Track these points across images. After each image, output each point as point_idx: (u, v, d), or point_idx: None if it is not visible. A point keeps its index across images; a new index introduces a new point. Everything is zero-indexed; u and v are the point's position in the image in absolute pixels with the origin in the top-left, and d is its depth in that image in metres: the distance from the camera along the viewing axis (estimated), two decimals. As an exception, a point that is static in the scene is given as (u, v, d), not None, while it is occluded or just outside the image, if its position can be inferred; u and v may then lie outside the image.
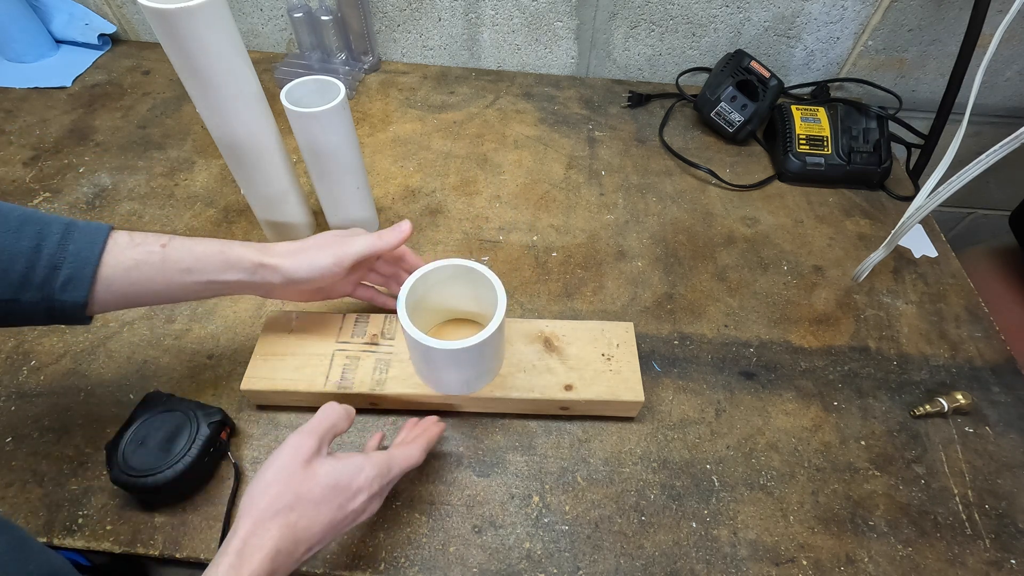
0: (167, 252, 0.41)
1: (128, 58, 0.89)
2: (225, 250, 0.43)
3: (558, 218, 0.69)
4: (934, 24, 0.79)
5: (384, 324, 0.52)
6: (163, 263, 0.41)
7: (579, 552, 0.44)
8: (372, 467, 0.38)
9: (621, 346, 0.51)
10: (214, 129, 0.52)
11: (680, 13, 0.81)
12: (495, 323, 0.43)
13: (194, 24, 0.43)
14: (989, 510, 0.48)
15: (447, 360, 0.44)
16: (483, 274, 0.46)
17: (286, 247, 0.46)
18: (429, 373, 0.47)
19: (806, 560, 0.45)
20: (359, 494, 0.37)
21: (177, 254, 0.41)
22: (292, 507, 0.34)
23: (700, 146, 0.80)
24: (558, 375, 0.49)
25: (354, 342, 0.51)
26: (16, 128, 0.77)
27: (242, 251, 0.44)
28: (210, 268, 0.42)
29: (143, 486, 0.42)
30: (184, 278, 0.42)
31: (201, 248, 0.43)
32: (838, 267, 0.65)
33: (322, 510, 0.35)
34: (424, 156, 0.76)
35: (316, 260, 0.45)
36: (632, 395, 0.49)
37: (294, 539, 0.34)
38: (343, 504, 0.36)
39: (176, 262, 0.41)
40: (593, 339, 0.52)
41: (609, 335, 0.52)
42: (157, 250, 0.41)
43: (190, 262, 0.42)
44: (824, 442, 0.51)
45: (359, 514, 0.37)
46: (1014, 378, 0.56)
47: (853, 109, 0.75)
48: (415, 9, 0.84)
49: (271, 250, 0.45)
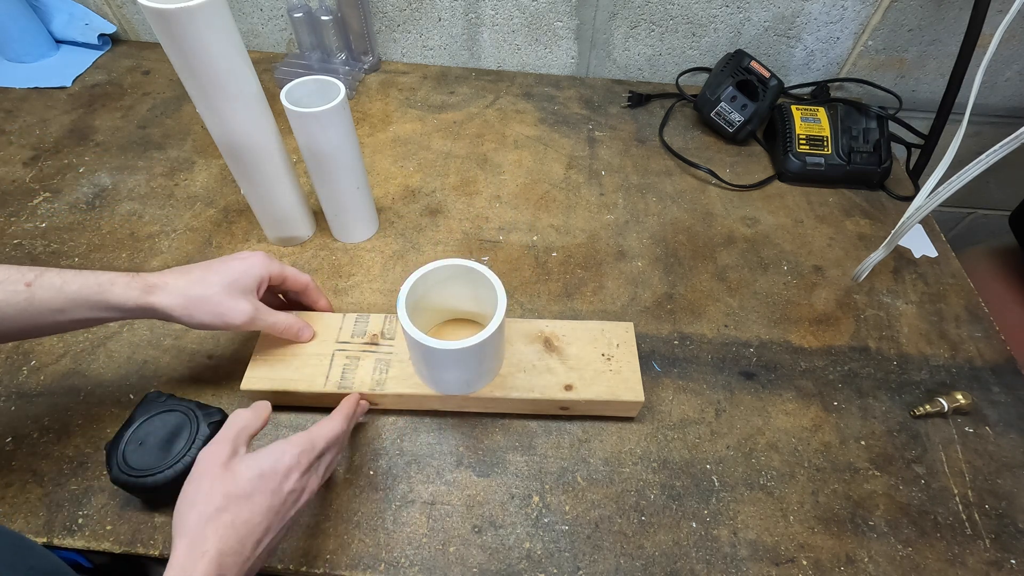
0: (33, 291, 0.38)
1: (128, 58, 0.89)
2: (104, 290, 0.40)
3: (558, 218, 0.69)
4: (934, 24, 0.79)
5: (384, 324, 0.52)
6: (29, 303, 0.38)
7: (579, 552, 0.44)
8: (293, 446, 0.37)
9: (621, 346, 0.51)
10: (214, 129, 0.52)
11: (680, 13, 0.81)
12: (495, 323, 0.43)
13: (194, 24, 0.43)
14: (989, 510, 0.48)
15: (447, 360, 0.43)
16: (483, 274, 0.46)
17: (176, 281, 0.43)
18: (429, 373, 0.47)
19: (806, 560, 0.45)
20: (290, 474, 0.36)
21: (46, 294, 0.38)
22: (224, 508, 0.33)
23: (700, 146, 0.80)
24: (558, 375, 0.49)
25: (354, 342, 0.51)
26: (16, 128, 0.77)
27: (124, 291, 0.41)
28: (85, 308, 0.40)
29: (143, 486, 0.42)
30: (56, 318, 0.39)
31: (75, 287, 0.39)
32: (838, 267, 0.65)
33: (256, 500, 0.35)
34: (424, 156, 0.76)
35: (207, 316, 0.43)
36: (632, 395, 0.49)
37: (237, 537, 0.33)
38: (276, 488, 0.35)
39: (45, 302, 0.38)
40: (593, 339, 0.52)
41: (609, 335, 0.52)
42: (21, 289, 0.38)
43: (62, 302, 0.39)
44: (824, 442, 0.51)
45: (299, 493, 0.37)
46: (1014, 378, 0.56)
47: (853, 109, 0.75)
48: (415, 9, 0.84)
49: (157, 287, 0.42)
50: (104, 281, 0.41)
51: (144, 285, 0.42)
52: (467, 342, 0.42)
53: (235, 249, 0.63)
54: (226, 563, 0.32)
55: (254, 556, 0.34)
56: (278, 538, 0.36)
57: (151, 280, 0.43)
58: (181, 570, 0.31)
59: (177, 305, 0.42)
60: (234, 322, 0.44)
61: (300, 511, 0.38)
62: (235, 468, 0.35)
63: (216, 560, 0.32)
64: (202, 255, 0.62)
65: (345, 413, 0.43)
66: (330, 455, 0.41)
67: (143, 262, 0.62)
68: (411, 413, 0.51)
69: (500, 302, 0.44)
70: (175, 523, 0.34)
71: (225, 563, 0.32)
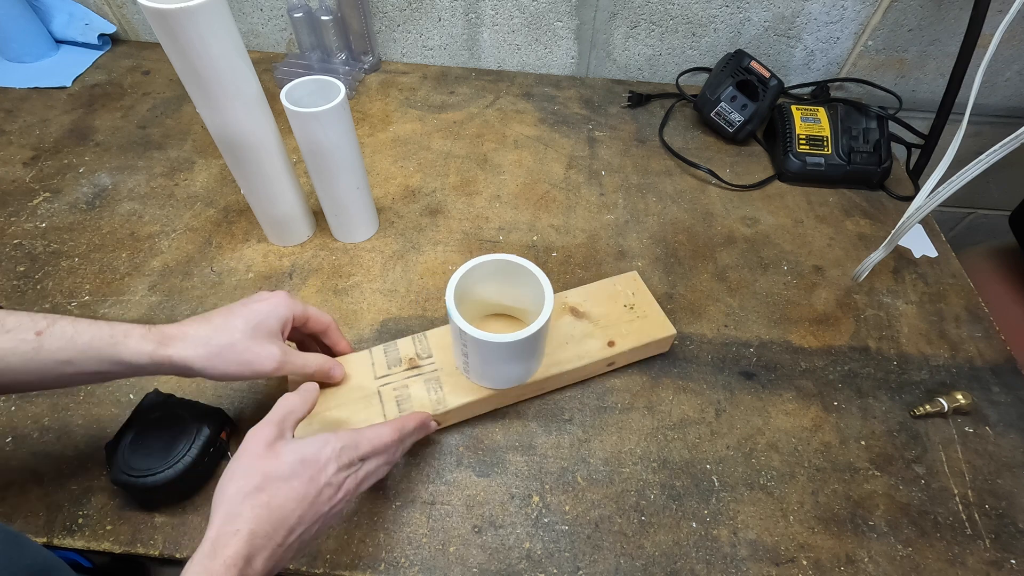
0: (43, 341, 0.36)
1: (128, 58, 0.89)
2: (117, 343, 0.37)
3: (558, 218, 0.69)
4: (934, 24, 0.79)
5: (416, 345, 0.51)
6: (36, 353, 0.36)
7: (579, 552, 0.44)
8: (337, 439, 0.37)
9: (636, 294, 0.56)
10: (214, 129, 0.52)
11: (680, 13, 0.81)
12: (548, 303, 0.43)
13: (194, 24, 0.44)
14: (989, 510, 0.48)
15: (514, 352, 0.44)
16: (519, 264, 0.46)
17: (196, 330, 0.40)
18: (493, 371, 0.47)
19: (806, 560, 0.45)
20: (328, 465, 0.36)
21: (55, 343, 0.36)
22: (261, 487, 0.34)
23: (700, 146, 0.80)
24: (597, 336, 0.52)
25: (394, 372, 0.49)
26: (16, 128, 0.77)
27: (138, 344, 0.38)
28: (95, 360, 0.37)
29: (143, 486, 0.42)
30: (63, 370, 0.37)
31: (87, 337, 0.37)
32: (838, 267, 0.65)
33: (293, 484, 0.35)
34: (424, 156, 0.76)
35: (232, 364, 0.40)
36: (665, 331, 0.53)
37: (270, 519, 0.33)
38: (314, 476, 0.35)
39: (53, 352, 0.36)
40: (610, 296, 0.55)
41: (621, 288, 0.56)
42: (31, 338, 0.36)
43: (71, 353, 0.36)
44: (824, 442, 0.51)
45: (335, 489, 0.36)
46: (1014, 378, 0.56)
47: (853, 109, 0.75)
48: (415, 9, 0.84)
49: (175, 338, 0.39)
50: (118, 333, 0.38)
51: (160, 337, 0.39)
52: (531, 328, 0.42)
53: (235, 250, 0.63)
54: (256, 544, 0.32)
55: (284, 544, 0.34)
56: (308, 533, 0.36)
57: (168, 331, 0.39)
58: (212, 545, 0.32)
59: (198, 357, 0.39)
60: (264, 369, 0.41)
61: (334, 511, 0.37)
62: (278, 449, 0.36)
63: (248, 540, 0.32)
64: (202, 255, 0.62)
65: (398, 425, 0.42)
66: (374, 462, 0.39)
67: (143, 262, 0.62)
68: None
69: (546, 287, 0.44)
70: (215, 497, 0.34)
71: (255, 544, 0.32)
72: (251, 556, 0.32)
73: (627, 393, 0.54)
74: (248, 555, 0.32)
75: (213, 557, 0.31)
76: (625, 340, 0.52)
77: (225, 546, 0.32)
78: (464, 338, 0.43)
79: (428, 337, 0.51)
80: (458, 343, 0.45)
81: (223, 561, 0.31)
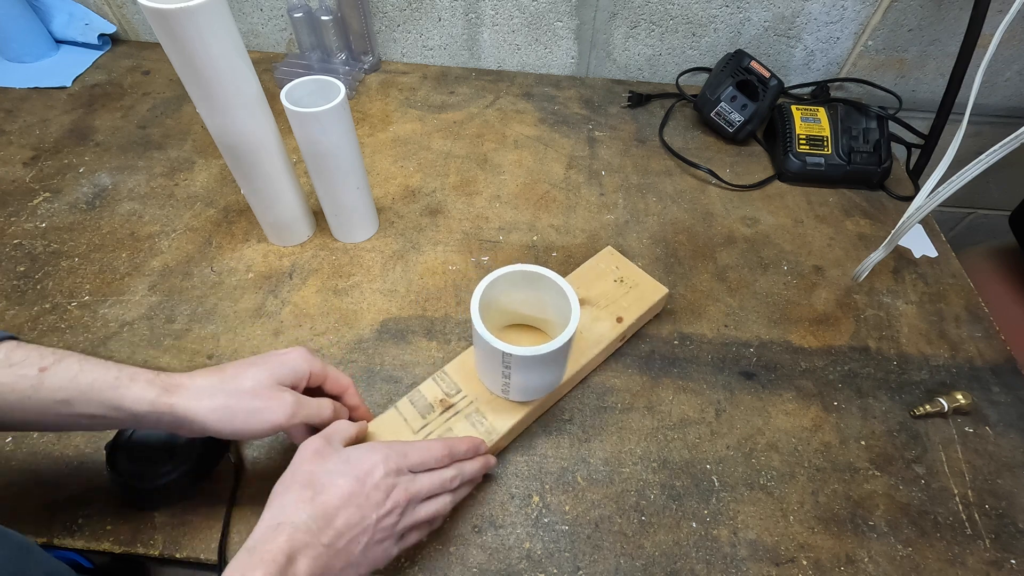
0: (44, 378, 0.34)
1: (128, 58, 0.89)
2: (120, 386, 0.35)
3: (558, 218, 0.69)
4: (934, 24, 0.79)
5: (439, 384, 0.50)
6: (35, 391, 0.34)
7: (579, 552, 0.44)
8: (384, 445, 0.38)
9: (620, 267, 0.58)
10: (214, 129, 0.52)
11: (680, 13, 0.81)
12: (575, 309, 0.43)
13: (194, 24, 0.43)
14: (989, 510, 0.48)
15: (554, 360, 0.43)
16: (540, 274, 0.46)
17: (204, 380, 0.38)
18: (533, 384, 0.46)
19: (806, 560, 0.45)
20: (375, 468, 0.36)
21: (56, 382, 0.34)
22: (306, 485, 0.35)
23: (700, 146, 0.80)
24: (604, 318, 0.54)
25: (431, 420, 0.47)
26: (16, 128, 0.77)
27: (141, 390, 0.35)
28: (95, 404, 0.35)
29: (143, 486, 0.42)
30: (60, 409, 0.34)
31: (90, 379, 0.35)
32: (838, 267, 0.65)
33: (338, 481, 0.35)
34: (424, 156, 0.76)
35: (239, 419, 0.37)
36: (660, 292, 0.56)
37: (314, 515, 0.33)
38: (360, 477, 0.35)
39: (53, 391, 0.34)
40: (598, 276, 0.57)
41: (604, 265, 0.58)
42: (32, 374, 0.34)
43: (71, 393, 0.34)
44: (824, 442, 0.51)
45: (384, 495, 0.36)
46: (1014, 378, 0.56)
47: (853, 109, 0.75)
48: (415, 9, 0.84)
49: (180, 388, 0.37)
50: (124, 376, 0.35)
51: (166, 384, 0.36)
52: (569, 331, 0.42)
53: (235, 250, 0.63)
54: (298, 540, 0.32)
55: (332, 547, 0.33)
56: (358, 544, 0.34)
57: (176, 379, 0.37)
58: (253, 541, 0.32)
59: (203, 408, 0.36)
60: (275, 418, 0.38)
61: (384, 525, 0.36)
62: (325, 454, 0.37)
63: (289, 535, 0.32)
64: (202, 255, 0.62)
65: (448, 442, 0.41)
66: (427, 480, 0.39)
67: (143, 262, 0.62)
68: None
69: (566, 289, 0.44)
70: (269, 498, 0.35)
71: (297, 539, 0.32)
72: (293, 554, 0.31)
73: (627, 393, 0.54)
74: (290, 552, 0.31)
75: (252, 552, 0.31)
76: (630, 312, 0.55)
77: (266, 541, 0.31)
78: (508, 360, 0.42)
79: (448, 373, 0.50)
80: (496, 367, 0.44)
81: (261, 557, 0.31)
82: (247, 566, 0.31)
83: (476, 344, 0.45)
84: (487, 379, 0.48)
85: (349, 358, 0.55)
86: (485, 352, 0.43)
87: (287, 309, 0.58)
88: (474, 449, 0.44)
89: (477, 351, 0.46)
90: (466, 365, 0.51)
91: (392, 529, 0.37)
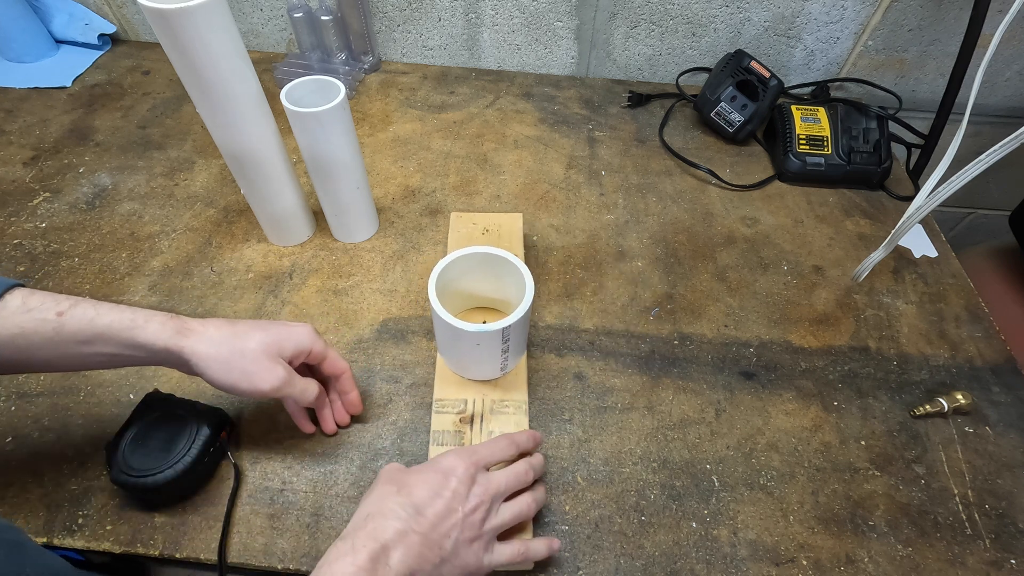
0: (63, 321, 0.37)
1: (128, 58, 0.89)
2: (136, 327, 0.38)
3: (558, 218, 0.69)
4: (934, 24, 0.79)
5: (444, 411, 0.49)
6: (57, 333, 0.37)
7: (579, 552, 0.44)
8: (456, 448, 0.41)
9: (477, 221, 0.61)
10: (214, 129, 0.52)
11: (680, 13, 0.81)
12: (528, 285, 0.45)
13: (194, 24, 0.43)
14: (989, 510, 0.48)
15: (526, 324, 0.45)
16: (500, 256, 0.47)
17: (216, 331, 0.40)
18: (518, 348, 0.48)
19: (806, 560, 0.45)
20: (455, 465, 0.38)
21: (76, 324, 0.37)
22: (393, 482, 0.37)
23: (700, 146, 0.80)
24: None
25: (469, 438, 0.47)
26: (16, 128, 0.77)
27: (157, 330, 0.38)
28: (113, 343, 0.38)
29: (143, 486, 0.42)
30: (81, 349, 0.37)
31: (107, 320, 0.38)
32: (838, 267, 0.65)
33: (424, 476, 0.38)
34: (424, 156, 0.76)
35: (237, 377, 0.40)
36: (517, 221, 0.61)
37: (404, 503, 0.36)
38: (444, 472, 0.38)
39: (73, 333, 0.37)
40: (467, 239, 0.59)
41: (464, 228, 0.60)
42: (52, 318, 0.36)
43: (90, 334, 0.37)
44: (824, 442, 0.51)
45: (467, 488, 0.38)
46: (1014, 378, 0.56)
47: (853, 109, 0.75)
48: (415, 9, 0.84)
49: (193, 332, 0.40)
50: (139, 318, 0.38)
51: (179, 327, 0.39)
52: (525, 305, 0.44)
53: (235, 250, 0.63)
54: (390, 527, 0.34)
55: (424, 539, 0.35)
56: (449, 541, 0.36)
57: (189, 324, 0.40)
58: (351, 530, 0.35)
59: (207, 355, 0.39)
60: (262, 386, 0.40)
61: (473, 521, 0.37)
62: (404, 467, 0.40)
63: (382, 524, 0.34)
64: (202, 255, 0.62)
65: (509, 437, 0.42)
66: (502, 476, 0.40)
67: (143, 262, 0.62)
68: (411, 413, 0.51)
69: (527, 278, 0.46)
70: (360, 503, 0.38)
71: (389, 527, 0.34)
72: (387, 543, 0.34)
73: (627, 393, 0.54)
74: (384, 541, 0.34)
75: (346, 539, 0.34)
76: (514, 247, 0.58)
77: (358, 529, 0.34)
78: (507, 333, 0.44)
79: (439, 397, 0.50)
80: (495, 349, 0.45)
81: (353, 544, 0.33)
82: (342, 553, 0.33)
83: (474, 341, 0.44)
84: (485, 368, 0.49)
85: (349, 358, 0.55)
86: (487, 341, 0.44)
87: (287, 309, 0.58)
88: (533, 440, 0.44)
89: (474, 350, 0.46)
90: (447, 378, 0.51)
91: (480, 528, 0.38)
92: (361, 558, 0.32)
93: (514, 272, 0.47)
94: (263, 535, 0.44)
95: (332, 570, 0.32)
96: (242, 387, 0.40)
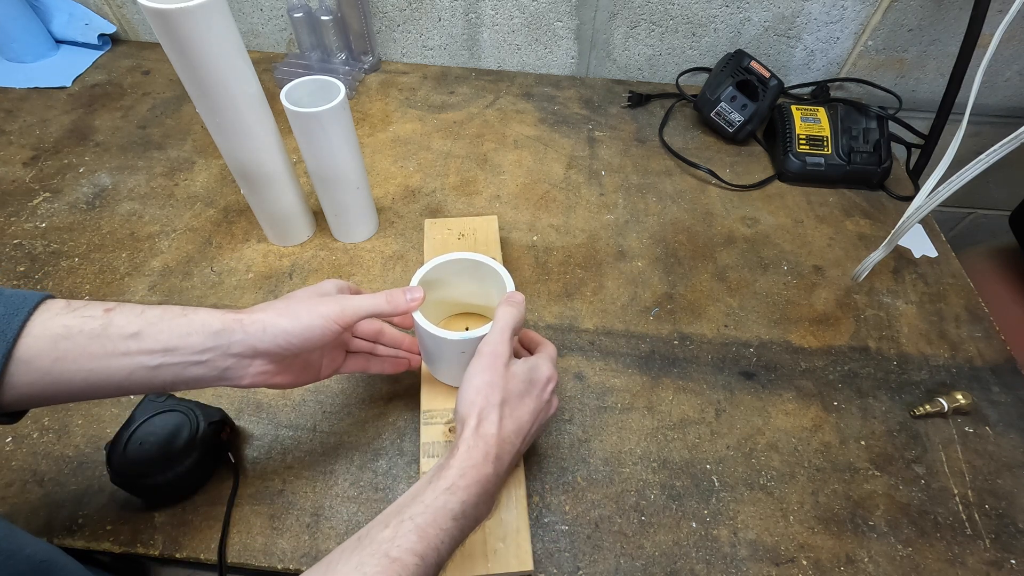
0: (111, 316, 0.34)
1: (128, 58, 0.89)
2: (188, 313, 0.36)
3: (558, 218, 0.69)
4: (934, 24, 0.79)
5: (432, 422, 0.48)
6: (104, 329, 0.33)
7: (579, 552, 0.44)
8: (546, 360, 0.43)
9: (451, 227, 0.60)
10: (214, 129, 0.52)
11: (680, 13, 0.81)
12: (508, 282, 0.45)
13: (194, 24, 0.43)
14: (989, 510, 0.48)
15: None
16: (484, 263, 0.46)
17: (263, 305, 0.39)
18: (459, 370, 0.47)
19: (806, 560, 0.45)
20: (548, 384, 0.42)
21: (123, 318, 0.34)
22: (505, 402, 0.39)
23: (700, 146, 0.80)
24: None
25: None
26: (16, 128, 0.77)
27: (209, 315, 0.36)
28: (164, 333, 0.35)
29: (143, 486, 0.42)
30: (129, 346, 0.34)
31: (155, 313, 0.35)
32: (838, 267, 0.65)
33: (526, 401, 0.40)
34: (424, 156, 0.76)
35: (304, 316, 0.38)
36: (492, 222, 0.61)
37: (512, 428, 0.39)
38: (539, 395, 0.41)
39: (121, 326, 0.34)
40: (443, 246, 0.58)
41: (438, 235, 0.59)
42: (98, 315, 0.34)
43: (140, 325, 0.34)
44: (824, 442, 0.51)
45: (551, 405, 0.42)
46: (1014, 378, 0.56)
47: (853, 109, 0.75)
48: (415, 9, 0.84)
49: (243, 312, 0.38)
50: (187, 309, 0.37)
51: (227, 313, 0.37)
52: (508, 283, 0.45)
53: (235, 250, 0.63)
54: (504, 448, 0.38)
55: (519, 451, 0.40)
56: (533, 435, 0.41)
57: (234, 311, 0.38)
58: (466, 444, 0.37)
59: (270, 315, 0.37)
60: (330, 311, 0.38)
61: (551, 417, 0.43)
62: (513, 370, 0.40)
63: (496, 443, 0.37)
64: (202, 255, 0.62)
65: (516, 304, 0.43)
66: None
67: (143, 262, 0.62)
68: (411, 413, 0.51)
69: (506, 279, 0.46)
70: (463, 406, 0.39)
71: (503, 448, 0.38)
72: (499, 457, 0.37)
73: (627, 393, 0.54)
74: (497, 456, 0.37)
75: (472, 449, 0.36)
76: (491, 250, 0.58)
77: (476, 447, 0.37)
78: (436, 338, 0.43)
79: (426, 409, 0.49)
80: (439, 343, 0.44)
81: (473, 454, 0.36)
82: (472, 455, 0.36)
83: (458, 350, 0.44)
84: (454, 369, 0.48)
85: (349, 358, 0.55)
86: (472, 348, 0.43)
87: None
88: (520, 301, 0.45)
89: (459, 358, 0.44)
90: (434, 388, 0.50)
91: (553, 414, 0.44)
92: None
93: (493, 275, 0.47)
94: (263, 535, 0.44)
95: None
96: (314, 322, 0.38)
